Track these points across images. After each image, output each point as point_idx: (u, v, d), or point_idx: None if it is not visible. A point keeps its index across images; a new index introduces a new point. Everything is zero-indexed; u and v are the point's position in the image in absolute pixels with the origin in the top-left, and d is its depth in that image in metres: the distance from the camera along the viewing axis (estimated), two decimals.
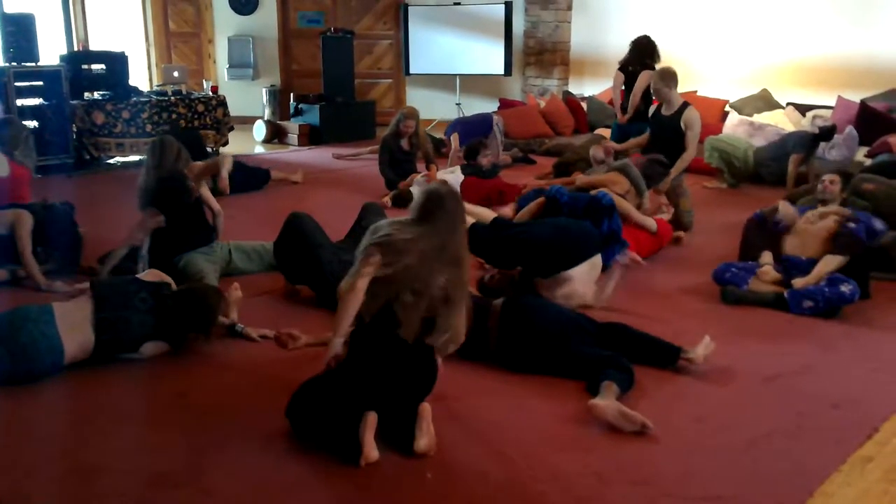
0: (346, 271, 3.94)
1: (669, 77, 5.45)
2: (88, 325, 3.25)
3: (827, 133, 6.94)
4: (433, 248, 2.64)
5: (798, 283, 4.06)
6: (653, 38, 6.57)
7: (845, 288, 3.92)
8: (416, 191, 6.36)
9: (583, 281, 3.90)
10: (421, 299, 2.63)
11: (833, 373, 3.36)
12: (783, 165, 6.90)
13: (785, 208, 4.40)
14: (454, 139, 7.73)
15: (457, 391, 3.06)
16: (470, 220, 3.99)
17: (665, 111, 5.50)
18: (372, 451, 2.53)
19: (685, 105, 5.44)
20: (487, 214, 4.15)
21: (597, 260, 4.03)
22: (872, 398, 3.11)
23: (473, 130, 8.05)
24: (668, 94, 5.45)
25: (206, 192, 4.53)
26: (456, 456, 2.62)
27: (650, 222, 4.79)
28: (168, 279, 3.63)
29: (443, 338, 2.70)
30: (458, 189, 6.49)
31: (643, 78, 6.35)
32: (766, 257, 4.33)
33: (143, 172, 4.45)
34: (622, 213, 4.55)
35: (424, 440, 2.59)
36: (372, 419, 2.58)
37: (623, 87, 6.70)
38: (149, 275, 3.64)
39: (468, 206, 4.19)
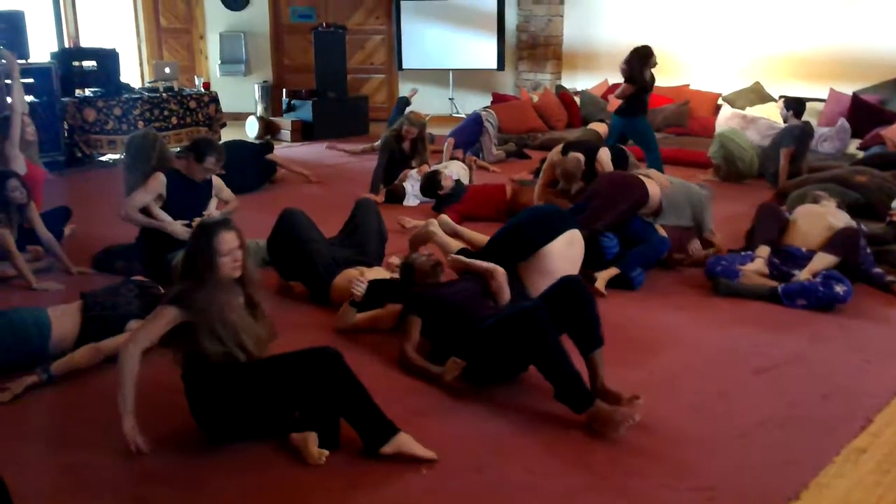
0: (340, 267, 3.98)
1: (570, 176, 5.19)
2: (76, 310, 3.43)
3: (797, 105, 6.90)
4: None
5: (802, 275, 4.06)
6: (649, 46, 6.42)
7: (839, 288, 3.91)
8: (408, 186, 6.38)
9: (563, 258, 3.73)
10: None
11: (825, 364, 3.37)
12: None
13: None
14: (448, 145, 7.72)
15: (449, 389, 3.06)
16: (456, 246, 3.98)
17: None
18: (313, 457, 2.54)
19: (591, 154, 5.26)
20: (480, 239, 4.08)
21: (574, 236, 3.82)
22: (864, 389, 3.12)
23: (468, 133, 8.04)
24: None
25: (216, 180, 4.61)
26: (449, 451, 2.62)
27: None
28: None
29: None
30: (464, 179, 6.47)
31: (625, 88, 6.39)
32: (762, 251, 4.31)
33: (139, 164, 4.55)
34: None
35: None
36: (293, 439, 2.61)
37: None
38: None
39: (462, 231, 4.19)
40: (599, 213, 4.33)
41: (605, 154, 5.27)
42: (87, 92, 8.12)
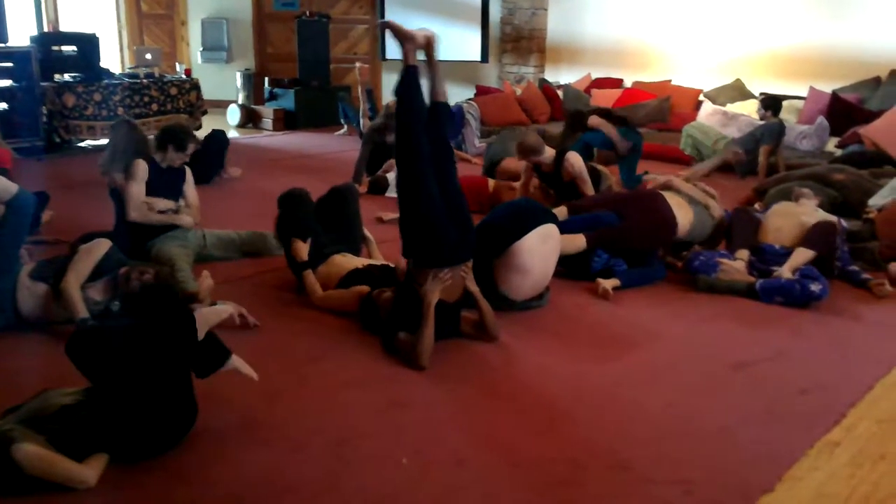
0: (326, 254, 3.98)
1: (530, 150, 5.24)
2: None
3: (775, 104, 7.03)
4: None
5: (784, 272, 4.10)
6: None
7: (815, 287, 3.96)
8: (391, 177, 6.38)
9: (536, 254, 3.69)
10: None
11: (802, 359, 3.41)
12: (753, 158, 6.96)
13: None
14: None
15: (430, 378, 3.07)
16: None
17: (545, 169, 5.33)
18: None
19: (561, 154, 5.26)
20: None
21: (549, 231, 3.78)
22: (840, 384, 3.16)
23: (450, 127, 8.04)
24: (539, 158, 5.27)
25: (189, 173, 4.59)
26: (433, 442, 2.63)
27: None
28: None
29: None
30: None
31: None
32: (742, 254, 4.33)
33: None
34: None
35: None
36: None
37: None
38: None
39: None
40: (621, 241, 4.30)
41: (574, 157, 5.22)
42: (67, 77, 8.03)
